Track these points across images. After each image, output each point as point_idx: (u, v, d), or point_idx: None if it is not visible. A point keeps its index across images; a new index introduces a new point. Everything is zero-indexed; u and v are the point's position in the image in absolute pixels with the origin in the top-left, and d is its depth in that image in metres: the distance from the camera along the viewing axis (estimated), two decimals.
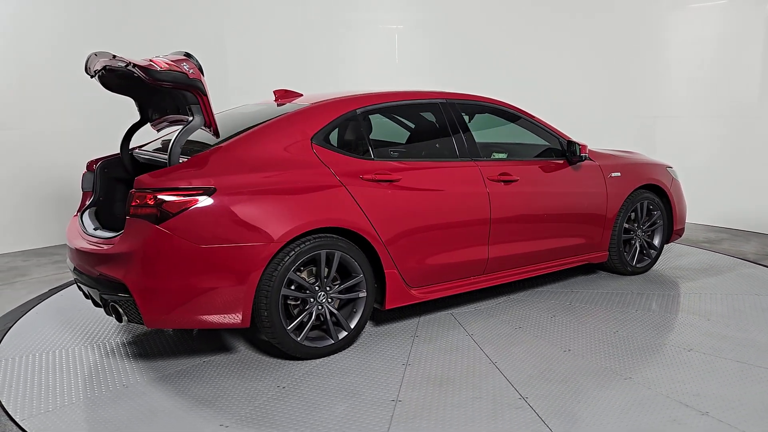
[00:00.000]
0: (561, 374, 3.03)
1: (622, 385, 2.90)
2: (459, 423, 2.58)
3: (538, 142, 4.33)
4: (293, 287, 3.16)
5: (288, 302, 3.19)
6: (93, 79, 3.67)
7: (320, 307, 3.24)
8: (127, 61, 2.97)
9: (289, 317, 3.18)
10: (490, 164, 3.89)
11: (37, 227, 6.16)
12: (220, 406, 2.77)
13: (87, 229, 3.43)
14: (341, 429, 2.54)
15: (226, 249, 2.93)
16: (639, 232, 4.75)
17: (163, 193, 2.88)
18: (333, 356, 3.29)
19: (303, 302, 3.22)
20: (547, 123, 4.35)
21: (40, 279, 5.06)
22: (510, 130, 4.39)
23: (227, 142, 3.18)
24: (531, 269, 4.13)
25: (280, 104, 3.80)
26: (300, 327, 3.19)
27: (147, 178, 2.92)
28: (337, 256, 3.23)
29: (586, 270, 4.88)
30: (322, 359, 3.26)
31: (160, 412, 2.73)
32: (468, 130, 3.92)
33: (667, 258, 5.26)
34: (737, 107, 6.44)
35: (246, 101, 4.25)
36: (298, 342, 3.16)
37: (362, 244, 3.37)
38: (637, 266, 4.76)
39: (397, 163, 3.56)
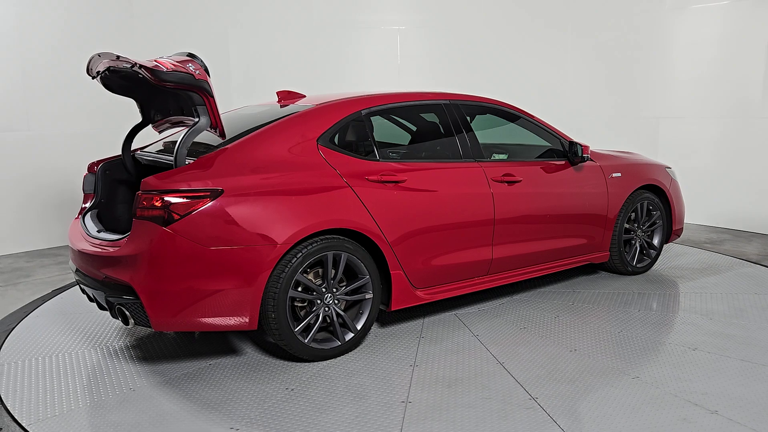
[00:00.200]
0: (569, 374, 3.04)
1: (630, 384, 2.92)
2: (471, 423, 2.58)
3: (540, 142, 4.35)
4: (300, 289, 3.15)
5: (295, 304, 3.17)
6: (94, 80, 3.65)
7: (327, 309, 3.23)
8: (133, 62, 2.95)
9: (295, 319, 3.16)
10: (493, 165, 3.90)
11: (41, 228, 6.19)
12: (229, 409, 2.75)
13: (90, 232, 3.40)
14: (353, 431, 2.54)
15: (233, 251, 2.92)
16: (639, 232, 4.78)
17: (170, 195, 2.86)
18: (340, 358, 3.28)
19: (310, 304, 3.21)
20: (549, 124, 4.37)
21: (43, 280, 5.06)
22: (511, 131, 4.40)
23: (233, 143, 3.17)
24: (534, 270, 4.14)
25: (283, 105, 3.79)
26: (307, 329, 3.18)
27: (154, 179, 2.90)
28: (344, 257, 3.22)
29: (587, 270, 4.90)
30: (328, 361, 3.25)
31: (169, 415, 2.70)
32: (471, 131, 3.92)
33: (666, 258, 5.30)
34: (740, 108, 6.43)
35: (248, 102, 4.23)
36: (305, 344, 3.15)
37: (368, 245, 3.36)
38: (638, 266, 4.79)
39: (402, 164, 3.56)
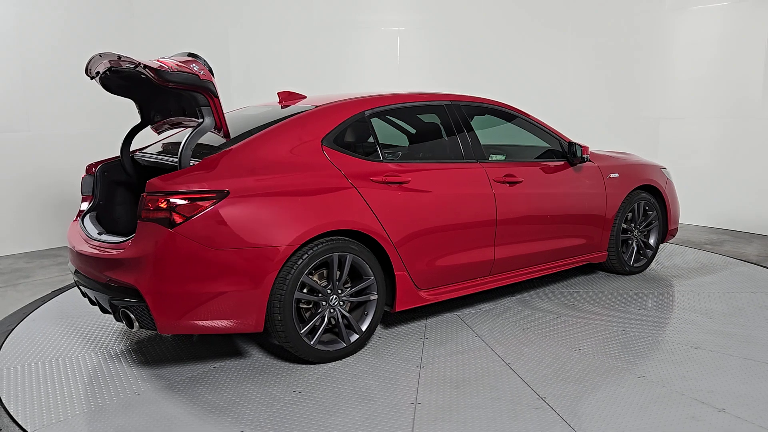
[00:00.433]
0: (575, 374, 3.05)
1: (637, 383, 2.93)
2: (481, 424, 2.58)
3: (539, 143, 4.36)
4: (306, 290, 3.13)
5: (300, 306, 3.15)
6: (93, 80, 3.60)
7: (332, 310, 3.22)
8: (137, 62, 2.92)
9: (300, 321, 3.15)
10: (495, 166, 3.91)
11: (41, 229, 6.18)
12: (237, 413, 2.72)
13: (91, 234, 3.35)
14: None
15: (240, 252, 2.89)
16: (636, 232, 4.81)
17: (176, 197, 2.83)
18: (345, 359, 3.27)
19: (315, 306, 3.19)
20: (548, 124, 4.39)
21: (43, 281, 5.04)
22: (511, 132, 4.41)
23: (238, 144, 3.14)
24: (535, 270, 4.15)
25: (284, 106, 3.77)
26: (312, 330, 3.16)
27: (159, 181, 2.87)
28: (349, 258, 3.21)
29: (585, 270, 4.93)
30: (334, 363, 3.23)
31: (176, 419, 2.67)
32: (473, 132, 3.93)
33: (661, 258, 5.34)
34: (741, 109, 6.45)
35: (248, 103, 4.20)
36: (311, 346, 3.13)
37: (372, 246, 3.35)
38: (635, 266, 4.83)
39: (405, 164, 3.56)
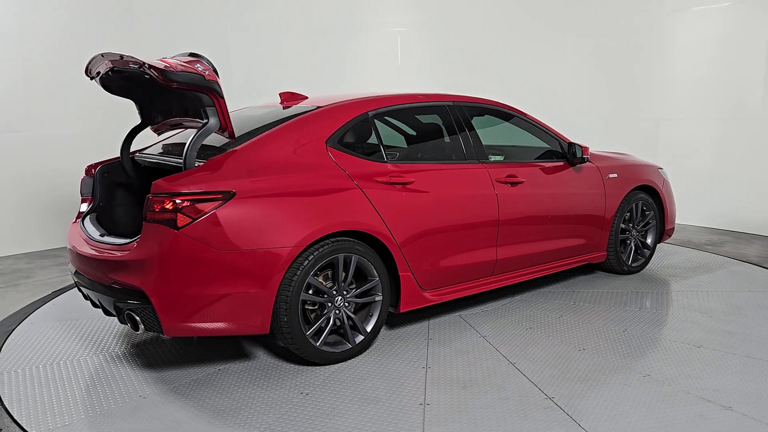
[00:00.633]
0: (581, 373, 3.06)
1: (642, 382, 2.95)
2: (491, 424, 2.58)
3: (539, 143, 4.38)
4: (311, 292, 3.12)
5: (306, 307, 3.14)
6: (93, 80, 3.57)
7: (337, 312, 3.21)
8: (141, 62, 2.89)
9: (306, 322, 3.13)
10: (497, 166, 3.92)
11: (42, 230, 6.18)
12: (244, 416, 2.71)
13: (93, 236, 3.32)
14: None
15: (246, 253, 2.88)
16: (634, 232, 4.85)
17: (182, 198, 2.80)
18: (351, 361, 3.26)
19: (321, 307, 3.18)
20: (548, 125, 4.41)
21: (44, 281, 5.03)
22: (510, 132, 4.43)
23: (242, 144, 3.12)
24: (536, 270, 4.17)
25: (286, 106, 3.75)
26: (318, 332, 3.15)
27: (164, 182, 2.84)
28: (354, 259, 3.20)
29: (584, 270, 4.95)
30: (340, 364, 3.22)
31: (184, 423, 2.65)
32: (475, 132, 3.93)
33: (658, 257, 5.38)
34: (741, 109, 6.48)
35: (249, 103, 4.18)
36: (317, 347, 3.12)
37: (377, 247, 3.35)
38: (633, 266, 4.86)
39: (409, 165, 3.55)
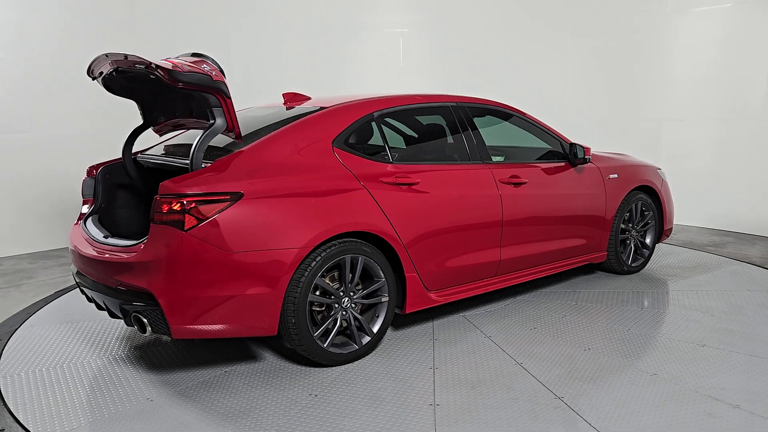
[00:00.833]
0: (588, 373, 3.07)
1: (650, 381, 2.97)
2: (503, 424, 2.58)
3: (540, 144, 4.39)
4: (318, 293, 3.11)
5: (313, 309, 3.13)
6: (94, 81, 3.54)
7: (344, 313, 3.20)
8: (148, 62, 2.87)
9: (313, 324, 3.12)
10: (500, 166, 3.93)
11: (44, 230, 6.18)
12: (254, 418, 2.69)
13: (97, 238, 3.29)
14: None
15: (254, 255, 2.86)
16: (633, 232, 4.88)
17: (190, 199, 2.78)
18: (358, 362, 3.25)
19: (328, 308, 3.17)
20: (549, 125, 4.43)
21: (46, 281, 5.03)
22: (511, 133, 4.44)
23: (249, 145, 3.11)
24: (539, 270, 4.18)
25: (289, 107, 3.74)
26: (325, 333, 3.14)
27: (172, 183, 2.82)
28: (361, 260, 3.20)
29: (585, 270, 4.98)
30: (347, 365, 3.21)
31: (194, 426, 2.63)
32: (478, 133, 3.94)
33: (655, 257, 5.41)
34: (742, 110, 6.49)
35: (251, 103, 4.16)
36: (324, 348, 3.11)
37: (383, 248, 3.34)
38: (633, 265, 4.89)
39: (414, 166, 3.55)
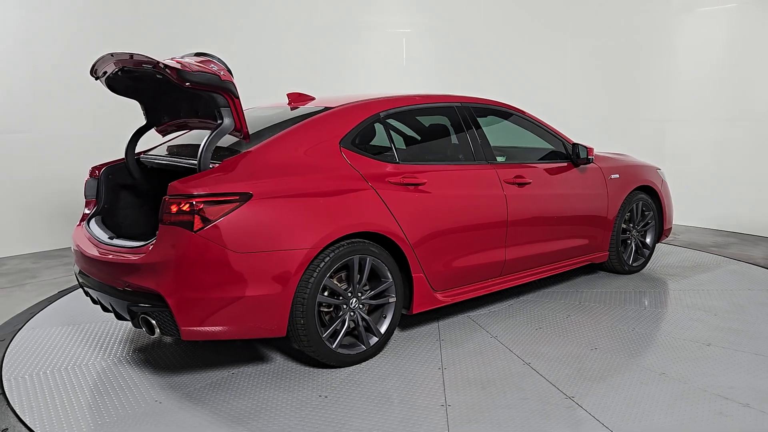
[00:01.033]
0: (597, 372, 3.08)
1: (659, 380, 2.98)
2: (516, 424, 2.58)
3: (540, 144, 4.40)
4: (326, 294, 3.10)
5: (321, 310, 3.12)
6: (98, 81, 3.51)
7: (352, 314, 3.19)
8: (155, 62, 2.85)
9: (321, 325, 3.10)
10: (505, 167, 3.93)
11: (48, 230, 6.18)
12: (266, 419, 2.67)
13: (101, 239, 3.26)
14: None
15: (263, 255, 2.85)
16: (634, 232, 4.90)
17: (199, 200, 2.76)
18: (366, 363, 3.24)
19: (336, 309, 3.16)
20: (551, 126, 4.44)
21: (49, 281, 5.02)
22: (513, 133, 4.44)
23: (257, 145, 3.09)
24: (543, 270, 4.19)
25: (294, 107, 3.73)
26: (333, 334, 3.13)
27: (180, 184, 2.80)
28: (369, 261, 3.19)
29: (586, 270, 4.99)
30: (355, 366, 3.20)
31: (206, 427, 2.60)
32: (483, 133, 3.94)
33: (655, 257, 5.43)
34: (746, 111, 6.50)
35: (253, 104, 4.14)
36: (332, 349, 3.10)
37: (390, 248, 3.33)
38: (633, 265, 4.91)
39: (421, 166, 3.55)
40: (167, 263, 2.76)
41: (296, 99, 3.94)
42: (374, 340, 3.28)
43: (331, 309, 3.16)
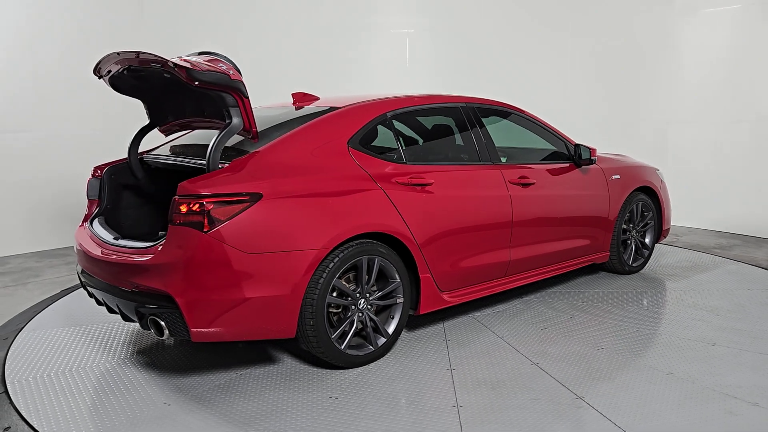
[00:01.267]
0: (605, 372, 3.09)
1: (667, 380, 2.99)
2: (528, 425, 2.58)
3: (542, 144, 4.41)
4: (335, 294, 3.08)
5: (329, 310, 3.10)
6: (101, 79, 3.47)
7: (360, 314, 3.18)
8: (164, 60, 2.82)
9: (329, 326, 3.09)
10: (509, 167, 3.94)
11: (51, 228, 6.17)
12: (277, 421, 2.65)
13: (106, 239, 3.22)
14: None
15: (273, 256, 2.83)
16: (634, 233, 4.93)
17: (209, 200, 2.74)
18: (374, 363, 3.23)
19: (344, 310, 3.15)
20: (554, 126, 4.45)
21: (53, 280, 5.01)
22: (515, 133, 4.45)
23: (265, 145, 3.07)
24: (546, 270, 4.20)
25: (299, 107, 3.71)
26: (342, 335, 3.12)
27: (190, 184, 2.77)
28: (378, 261, 3.18)
29: (588, 270, 5.01)
30: (363, 367, 3.19)
31: (216, 429, 2.58)
32: (488, 134, 3.95)
33: (652, 258, 5.46)
34: (750, 112, 6.50)
35: (256, 103, 4.11)
36: (341, 350, 3.09)
37: (397, 248, 3.33)
38: (633, 265, 4.94)
39: (427, 166, 3.54)
40: (177, 264, 2.74)
41: (301, 99, 3.92)
42: (382, 340, 3.27)
43: (339, 310, 3.15)
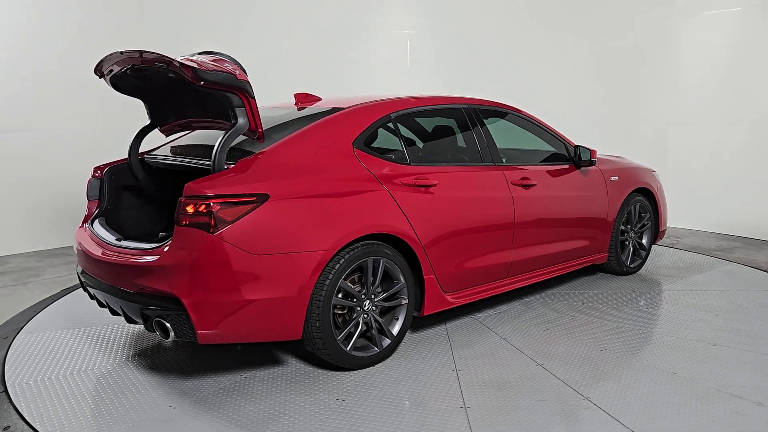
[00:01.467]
0: (610, 373, 3.10)
1: (671, 380, 3.01)
2: (537, 425, 2.58)
3: (542, 146, 4.43)
4: (341, 296, 3.07)
5: (335, 312, 3.09)
6: (101, 79, 3.44)
7: (365, 316, 3.17)
8: (170, 60, 2.79)
9: (335, 327, 3.07)
10: (511, 169, 3.95)
11: (51, 228, 6.15)
12: (285, 423, 2.64)
13: (108, 240, 3.19)
14: None
15: (281, 257, 2.81)
16: (632, 234, 4.96)
17: (216, 201, 2.72)
18: (380, 365, 3.22)
19: (349, 311, 3.13)
20: (554, 128, 4.47)
21: (53, 279, 4.99)
22: (516, 135, 4.46)
23: (271, 146, 3.05)
24: (547, 271, 4.21)
25: (301, 107, 3.70)
26: (347, 337, 3.11)
27: (196, 185, 2.75)
28: (383, 263, 3.17)
29: (587, 271, 5.03)
30: (368, 369, 3.18)
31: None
32: (490, 135, 3.96)
33: (649, 259, 5.49)
34: (751, 114, 6.53)
35: (259, 103, 4.09)
36: (347, 352, 3.08)
37: (402, 249, 3.32)
38: (631, 266, 4.97)
39: (431, 167, 3.54)
40: (183, 265, 2.71)
41: (303, 99, 3.91)
42: (387, 342, 3.26)
43: (345, 311, 3.14)
